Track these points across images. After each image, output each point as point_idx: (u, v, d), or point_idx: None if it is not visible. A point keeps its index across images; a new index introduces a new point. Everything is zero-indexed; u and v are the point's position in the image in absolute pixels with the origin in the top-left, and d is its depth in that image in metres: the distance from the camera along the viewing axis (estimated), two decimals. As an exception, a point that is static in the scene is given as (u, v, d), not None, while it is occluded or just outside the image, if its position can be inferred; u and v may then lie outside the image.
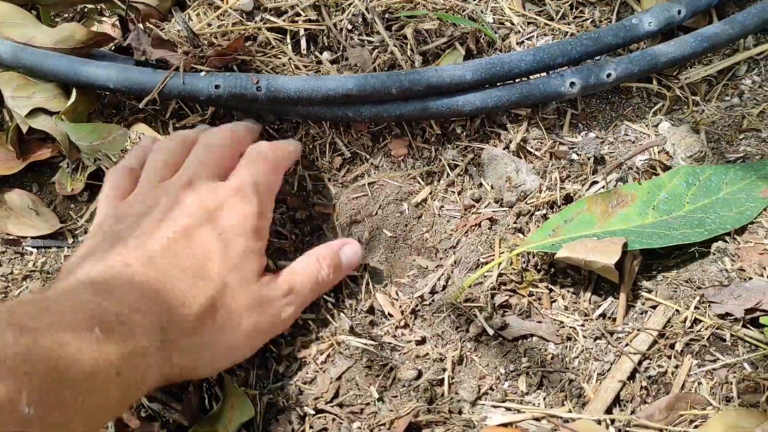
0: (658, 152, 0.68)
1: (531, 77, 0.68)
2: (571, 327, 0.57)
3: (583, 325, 0.57)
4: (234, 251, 0.52)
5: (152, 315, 0.45)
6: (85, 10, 0.75)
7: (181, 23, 0.66)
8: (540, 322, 0.57)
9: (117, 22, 0.73)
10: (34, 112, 0.67)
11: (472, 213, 0.66)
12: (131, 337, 0.43)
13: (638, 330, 0.55)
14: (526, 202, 0.65)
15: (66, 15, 0.76)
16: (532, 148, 0.68)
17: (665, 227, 0.58)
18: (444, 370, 0.55)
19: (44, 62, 0.66)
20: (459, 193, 0.68)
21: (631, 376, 0.53)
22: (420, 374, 0.55)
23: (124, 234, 0.51)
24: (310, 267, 0.56)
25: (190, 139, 0.61)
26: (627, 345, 0.54)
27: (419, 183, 0.69)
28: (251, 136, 0.64)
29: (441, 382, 0.55)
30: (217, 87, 0.65)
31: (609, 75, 0.67)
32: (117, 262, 0.48)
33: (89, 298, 0.44)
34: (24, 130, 0.67)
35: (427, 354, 0.56)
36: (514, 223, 0.63)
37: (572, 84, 0.67)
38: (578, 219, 0.59)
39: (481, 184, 0.68)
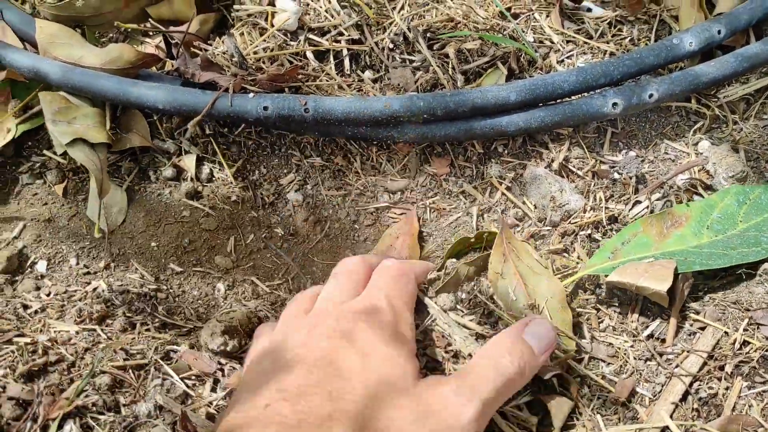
0: (699, 171, 0.69)
1: (573, 97, 0.69)
2: (620, 348, 0.58)
3: (632, 346, 0.58)
4: (375, 361, 0.46)
5: None
6: (129, 30, 0.76)
7: (232, 48, 0.67)
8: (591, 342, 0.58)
9: (161, 43, 0.74)
10: (74, 141, 0.67)
11: (517, 232, 0.67)
12: None
13: (688, 351, 0.56)
14: (570, 222, 0.65)
15: (111, 35, 0.76)
16: (574, 167, 0.69)
17: (722, 247, 0.59)
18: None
19: (94, 83, 0.67)
20: (503, 212, 0.69)
21: (683, 398, 0.54)
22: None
23: (267, 378, 0.47)
24: (485, 357, 0.48)
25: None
26: (677, 366, 0.55)
27: (462, 200, 0.70)
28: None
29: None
30: (265, 108, 0.66)
31: (651, 95, 0.68)
32: (258, 406, 0.45)
33: None
34: (59, 152, 0.68)
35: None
36: (559, 242, 0.64)
37: (615, 104, 0.68)
38: (635, 241, 0.60)
39: (524, 203, 0.69)
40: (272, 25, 0.72)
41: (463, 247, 0.65)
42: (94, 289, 0.64)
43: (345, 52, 0.73)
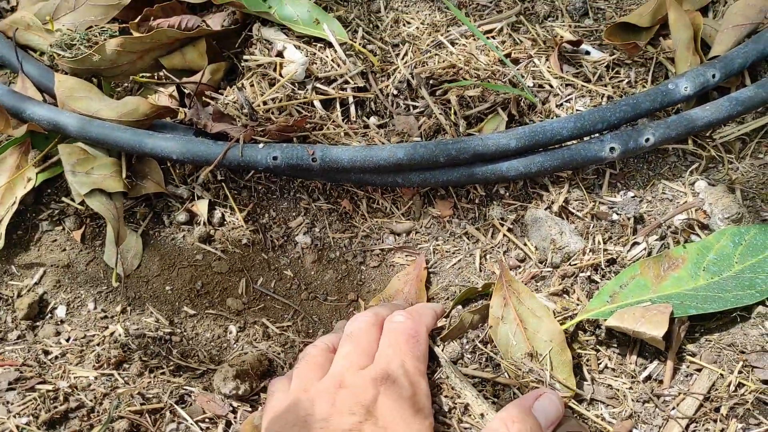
0: (695, 211, 0.71)
1: (572, 142, 0.71)
2: (619, 390, 0.59)
3: (631, 388, 0.59)
4: None
5: None
6: (143, 81, 0.79)
7: (242, 100, 0.70)
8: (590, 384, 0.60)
9: (174, 92, 0.77)
10: (91, 192, 0.70)
11: (518, 273, 0.69)
12: None
13: (684, 394, 0.58)
14: (570, 264, 0.68)
15: (126, 85, 0.80)
16: (573, 209, 0.71)
17: (717, 289, 0.60)
18: None
19: (110, 135, 0.70)
20: (504, 253, 0.71)
21: (680, 441, 0.56)
22: None
23: None
24: (496, 430, 0.50)
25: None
26: (674, 409, 0.57)
27: (465, 241, 0.72)
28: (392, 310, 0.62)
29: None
30: (275, 158, 0.68)
31: (648, 140, 0.70)
32: None
33: None
34: (77, 200, 0.71)
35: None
36: (560, 284, 0.66)
37: (612, 149, 0.70)
38: (633, 284, 0.62)
39: (525, 244, 0.71)
40: (281, 76, 0.75)
41: (471, 295, 0.67)
42: (112, 334, 0.67)
43: (351, 99, 0.76)
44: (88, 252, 0.72)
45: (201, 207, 0.74)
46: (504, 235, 0.72)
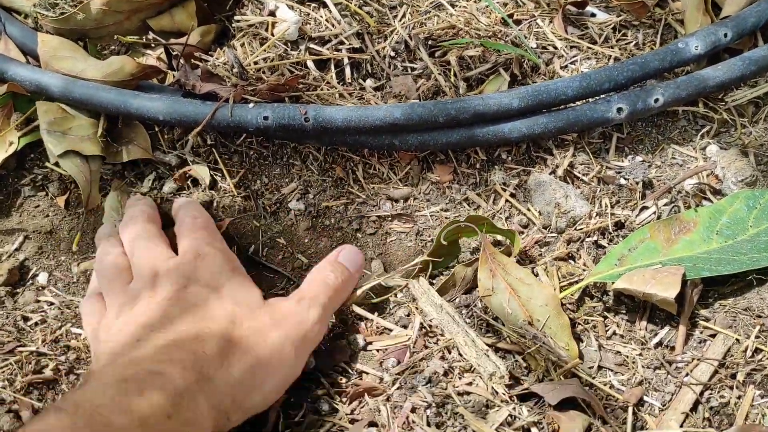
0: (707, 176, 0.68)
1: (577, 103, 0.68)
2: (628, 356, 0.56)
3: (641, 355, 0.56)
4: (226, 292, 0.54)
5: (179, 361, 0.47)
6: (130, 43, 0.76)
7: (232, 58, 0.67)
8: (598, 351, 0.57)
9: (162, 55, 0.74)
10: (66, 153, 0.67)
11: (522, 239, 0.66)
12: (168, 379, 0.45)
13: (698, 360, 0.55)
14: (575, 228, 0.64)
15: (112, 47, 0.76)
16: (579, 173, 0.68)
17: (732, 252, 0.57)
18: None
19: (95, 95, 0.67)
20: (507, 219, 0.67)
21: (694, 408, 0.52)
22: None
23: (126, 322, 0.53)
24: (314, 278, 0.58)
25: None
26: (687, 375, 0.54)
27: (466, 207, 0.69)
28: (152, 209, 0.66)
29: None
30: (265, 119, 0.65)
31: (657, 100, 0.67)
32: (129, 337, 0.50)
33: (112, 369, 0.47)
34: (51, 161, 0.68)
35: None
36: (565, 249, 0.63)
37: (619, 110, 0.67)
38: (642, 247, 0.59)
39: (528, 209, 0.67)
40: (273, 35, 0.71)
41: (455, 234, 0.63)
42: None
43: (346, 60, 0.73)
44: (72, 218, 0.69)
45: (202, 172, 0.70)
46: (506, 200, 0.68)
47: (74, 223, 0.69)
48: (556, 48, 0.74)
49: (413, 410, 0.49)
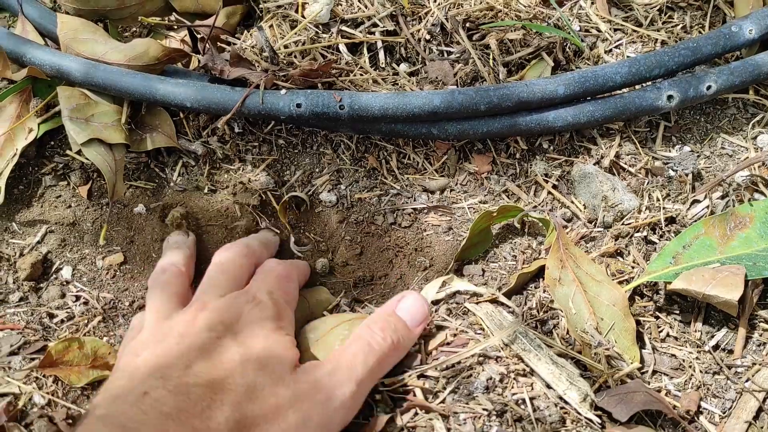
0: (759, 167, 0.64)
1: (625, 90, 0.65)
2: (684, 360, 0.53)
3: (698, 358, 0.53)
4: (256, 352, 0.47)
5: None
6: (153, 24, 0.72)
7: (263, 41, 0.64)
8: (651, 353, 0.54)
9: (186, 38, 0.71)
10: (89, 141, 0.64)
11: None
12: None
13: (759, 365, 0.52)
14: (623, 223, 0.61)
15: (134, 29, 0.73)
16: (625, 164, 0.65)
17: (792, 250, 0.54)
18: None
19: (118, 80, 0.64)
20: (549, 212, 0.64)
21: (757, 416, 0.50)
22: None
23: (146, 368, 0.47)
24: (360, 337, 0.50)
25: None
26: (748, 381, 0.51)
27: (505, 199, 0.66)
28: (267, 250, 0.62)
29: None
30: (298, 106, 0.62)
31: (709, 87, 0.64)
32: (138, 381, 0.45)
33: None
34: (74, 150, 0.65)
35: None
36: (613, 245, 0.60)
37: (670, 97, 0.63)
38: (697, 244, 0.56)
39: (572, 202, 0.64)
40: (303, 17, 0.68)
41: (486, 222, 0.61)
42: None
43: (379, 44, 0.69)
44: (95, 209, 0.66)
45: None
46: (548, 192, 0.65)
47: (97, 214, 0.66)
48: (599, 31, 0.71)
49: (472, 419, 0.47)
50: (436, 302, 0.57)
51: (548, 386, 0.49)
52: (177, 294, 0.55)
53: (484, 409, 0.47)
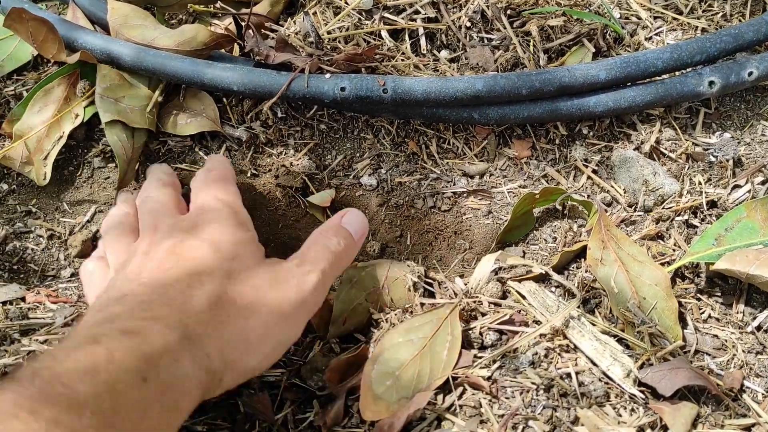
0: (800, 153, 0.65)
1: (666, 76, 0.65)
2: (727, 340, 0.54)
3: (740, 339, 0.54)
4: (225, 245, 0.50)
5: (162, 318, 0.42)
6: (197, 12, 0.74)
7: (309, 26, 0.65)
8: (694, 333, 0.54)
9: (231, 25, 0.72)
10: (112, 122, 0.65)
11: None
12: (145, 338, 0.40)
13: (803, 345, 0.52)
14: (664, 207, 0.62)
15: (181, 17, 0.75)
16: (666, 149, 0.65)
17: (833, 233, 0.55)
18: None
19: (168, 64, 0.66)
20: (588, 197, 0.65)
21: (801, 395, 0.50)
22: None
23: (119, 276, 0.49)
24: (317, 242, 0.54)
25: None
26: (792, 361, 0.51)
27: (545, 184, 0.66)
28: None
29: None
30: (342, 89, 0.63)
31: (750, 73, 0.64)
32: (116, 292, 0.47)
33: (88, 328, 0.41)
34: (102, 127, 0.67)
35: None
36: (654, 228, 0.61)
37: (711, 83, 0.64)
38: (739, 227, 0.56)
39: (612, 187, 0.65)
40: (347, 4, 0.69)
41: (529, 204, 0.62)
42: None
43: (421, 30, 0.70)
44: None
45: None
46: (588, 177, 0.66)
47: (145, 196, 0.68)
48: (639, 18, 0.71)
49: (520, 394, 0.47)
50: (481, 281, 0.58)
51: (592, 362, 0.49)
52: (130, 230, 0.57)
53: (532, 383, 0.47)
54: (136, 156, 0.66)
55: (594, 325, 0.52)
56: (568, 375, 0.49)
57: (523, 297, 0.54)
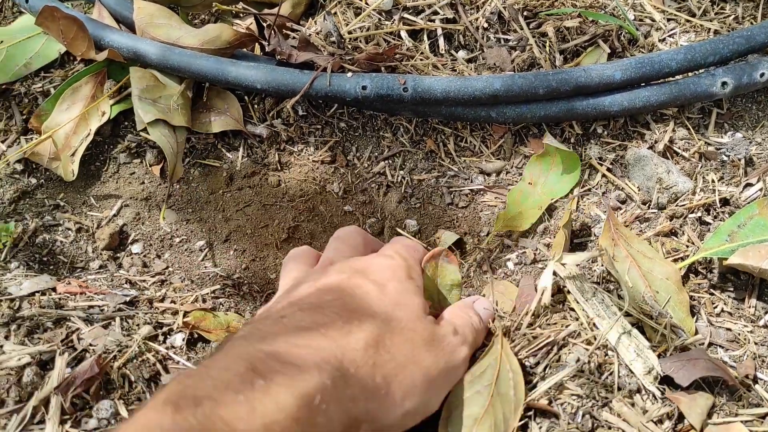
0: (811, 153, 0.66)
1: (680, 76, 0.67)
2: (739, 333, 0.55)
3: (752, 332, 0.55)
4: (391, 290, 0.49)
5: (318, 350, 0.41)
6: (219, 12, 0.76)
7: (331, 26, 0.67)
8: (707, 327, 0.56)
9: (252, 25, 0.74)
10: (155, 122, 0.67)
11: (620, 215, 0.65)
12: (302, 377, 0.39)
13: (814, 339, 0.54)
14: (678, 205, 0.63)
15: (203, 17, 0.77)
16: (679, 148, 0.67)
17: None
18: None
19: (193, 63, 0.68)
20: (603, 194, 0.67)
21: (813, 387, 0.51)
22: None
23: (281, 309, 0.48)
24: (460, 315, 0.53)
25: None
26: (804, 354, 0.53)
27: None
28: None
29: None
30: (364, 88, 0.65)
31: (762, 74, 0.65)
32: (275, 312, 0.47)
33: (244, 349, 0.41)
34: (139, 127, 0.69)
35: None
36: (668, 225, 0.62)
37: (724, 84, 0.65)
38: (752, 223, 0.57)
39: (626, 185, 0.66)
40: (367, 4, 0.71)
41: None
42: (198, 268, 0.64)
43: (439, 31, 0.72)
44: (166, 187, 0.70)
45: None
46: (603, 175, 0.67)
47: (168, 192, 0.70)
48: (653, 20, 0.73)
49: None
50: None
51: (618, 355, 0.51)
52: (306, 262, 0.56)
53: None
54: (180, 150, 0.69)
55: (628, 315, 0.53)
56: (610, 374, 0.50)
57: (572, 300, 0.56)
